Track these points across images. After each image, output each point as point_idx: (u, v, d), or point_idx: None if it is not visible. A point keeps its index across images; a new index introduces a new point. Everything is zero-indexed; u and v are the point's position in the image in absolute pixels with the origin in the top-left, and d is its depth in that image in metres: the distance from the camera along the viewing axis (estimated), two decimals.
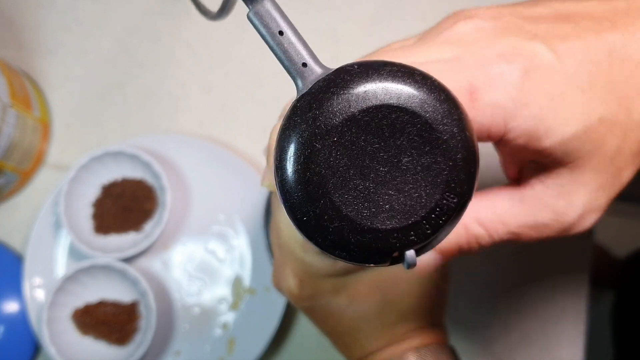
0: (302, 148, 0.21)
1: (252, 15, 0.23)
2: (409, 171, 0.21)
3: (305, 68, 0.23)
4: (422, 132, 0.21)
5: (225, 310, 0.53)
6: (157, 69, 0.57)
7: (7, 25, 0.58)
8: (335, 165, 0.21)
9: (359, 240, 0.21)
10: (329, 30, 0.57)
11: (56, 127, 0.56)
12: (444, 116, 0.21)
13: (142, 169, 0.53)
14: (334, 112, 0.21)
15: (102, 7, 0.58)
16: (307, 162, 0.21)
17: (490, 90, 0.26)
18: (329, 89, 0.22)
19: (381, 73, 0.22)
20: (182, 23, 0.57)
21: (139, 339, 0.50)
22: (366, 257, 0.22)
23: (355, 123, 0.21)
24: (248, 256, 0.53)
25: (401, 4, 0.57)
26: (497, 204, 0.30)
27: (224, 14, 0.26)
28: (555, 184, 0.29)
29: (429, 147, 0.21)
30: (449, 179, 0.21)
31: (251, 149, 0.55)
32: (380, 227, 0.21)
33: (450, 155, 0.21)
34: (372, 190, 0.21)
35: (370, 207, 0.21)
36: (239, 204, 0.54)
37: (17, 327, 0.51)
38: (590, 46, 0.27)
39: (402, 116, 0.21)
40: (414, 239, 0.22)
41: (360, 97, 0.21)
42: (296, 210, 0.22)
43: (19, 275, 0.52)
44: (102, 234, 0.53)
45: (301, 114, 0.22)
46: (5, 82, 0.50)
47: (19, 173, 0.53)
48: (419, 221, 0.21)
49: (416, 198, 0.21)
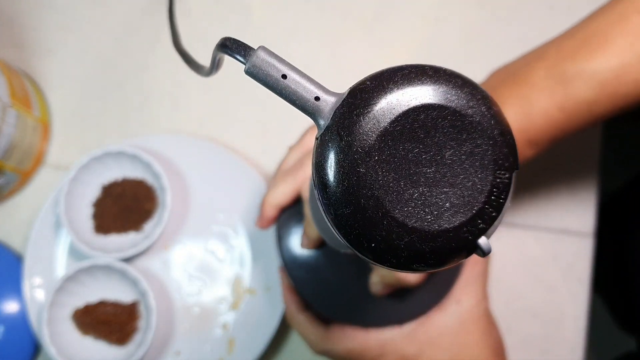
0: (348, 178, 0.21)
1: (251, 69, 0.23)
2: (455, 163, 0.21)
3: (319, 101, 0.22)
4: (454, 122, 0.21)
5: (225, 310, 0.53)
6: (157, 69, 0.57)
7: (7, 26, 0.58)
8: (385, 183, 0.21)
9: (433, 247, 0.21)
10: (329, 30, 0.57)
11: (56, 127, 0.56)
12: (469, 99, 0.21)
13: (143, 169, 0.53)
14: (366, 132, 0.21)
15: (102, 7, 0.58)
16: (358, 189, 0.21)
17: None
18: (352, 112, 0.21)
19: (395, 80, 0.22)
20: (181, 24, 0.57)
21: (139, 338, 0.50)
22: (444, 260, 0.22)
23: (390, 135, 0.21)
24: (248, 256, 0.53)
25: (401, 4, 0.57)
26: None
27: (215, 70, 0.27)
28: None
29: (466, 134, 0.21)
30: (495, 157, 0.21)
31: (251, 149, 0.56)
32: (448, 226, 0.21)
33: (487, 134, 0.21)
34: (427, 194, 0.21)
35: (432, 211, 0.21)
36: (239, 204, 0.54)
37: (17, 327, 0.52)
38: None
39: (431, 113, 0.21)
40: (482, 226, 0.21)
41: (386, 110, 0.21)
42: (362, 239, 0.21)
43: (19, 275, 0.52)
44: (102, 234, 0.53)
45: (334, 146, 0.21)
46: (5, 82, 0.50)
47: (19, 173, 0.53)
48: (482, 207, 0.21)
49: (471, 187, 0.21)
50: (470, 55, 0.56)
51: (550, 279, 0.54)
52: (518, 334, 0.53)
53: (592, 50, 0.38)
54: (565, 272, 0.53)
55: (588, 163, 0.55)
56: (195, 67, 0.33)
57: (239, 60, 0.23)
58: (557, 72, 0.39)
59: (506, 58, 0.56)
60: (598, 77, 0.38)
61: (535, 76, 0.39)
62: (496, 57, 0.56)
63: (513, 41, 0.56)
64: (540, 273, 0.54)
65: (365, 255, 0.22)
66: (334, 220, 0.22)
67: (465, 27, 0.56)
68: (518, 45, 0.56)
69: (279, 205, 0.43)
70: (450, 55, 0.56)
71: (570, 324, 0.53)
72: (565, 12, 0.56)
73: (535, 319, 0.53)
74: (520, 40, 0.56)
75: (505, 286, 0.53)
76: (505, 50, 0.56)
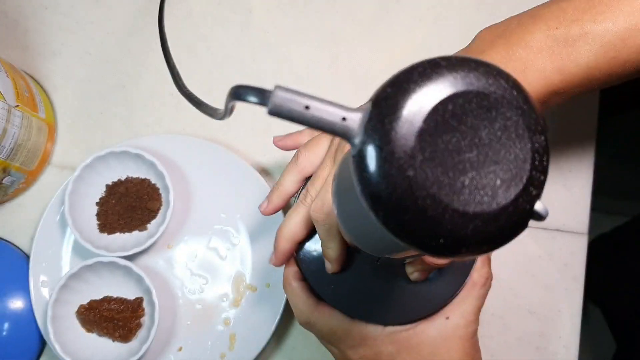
0: (399, 185, 0.21)
1: (274, 110, 0.23)
2: (493, 141, 0.22)
3: (346, 121, 0.22)
4: (480, 103, 0.22)
5: (226, 306, 0.53)
6: (159, 71, 0.57)
7: (12, 28, 0.58)
8: (436, 179, 0.21)
9: (498, 225, 0.21)
10: (328, 31, 0.58)
11: (61, 128, 0.57)
12: (487, 78, 0.22)
13: (146, 168, 0.53)
14: (403, 136, 0.21)
15: (105, 9, 0.58)
16: (412, 193, 0.21)
17: None
18: (383, 122, 0.21)
19: (415, 80, 0.22)
20: (183, 25, 0.58)
21: (142, 335, 0.51)
22: (510, 235, 0.22)
23: (426, 133, 0.21)
24: (249, 254, 0.54)
25: (400, 6, 0.58)
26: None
27: (228, 115, 0.27)
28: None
29: (495, 111, 0.22)
30: (527, 124, 0.22)
31: (252, 149, 0.56)
32: (506, 202, 0.21)
33: (514, 105, 0.22)
34: (477, 177, 0.21)
35: (486, 192, 0.21)
36: (240, 203, 0.54)
37: (24, 324, 0.52)
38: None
39: (457, 101, 0.21)
40: (535, 192, 0.22)
41: (415, 110, 0.21)
42: (430, 240, 0.21)
43: (25, 273, 0.53)
44: (106, 233, 0.53)
45: (376, 158, 0.21)
46: (11, 83, 0.50)
47: (25, 173, 0.54)
48: (530, 174, 0.22)
49: (514, 159, 0.22)
50: None
51: (546, 277, 0.54)
52: (514, 331, 0.54)
53: (600, 12, 0.38)
54: (560, 271, 0.54)
55: (583, 162, 0.55)
56: (206, 111, 0.34)
57: (256, 104, 0.23)
58: (559, 33, 0.38)
59: None
60: (603, 40, 0.38)
61: (531, 38, 0.38)
62: None
63: None
64: (536, 271, 0.54)
65: (435, 253, 0.22)
66: (397, 229, 0.22)
67: (463, 28, 0.57)
68: None
69: (294, 238, 0.42)
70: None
71: (566, 321, 0.54)
72: None
73: (531, 316, 0.54)
74: None
75: (502, 284, 0.54)
76: None
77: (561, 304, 0.54)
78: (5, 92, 0.49)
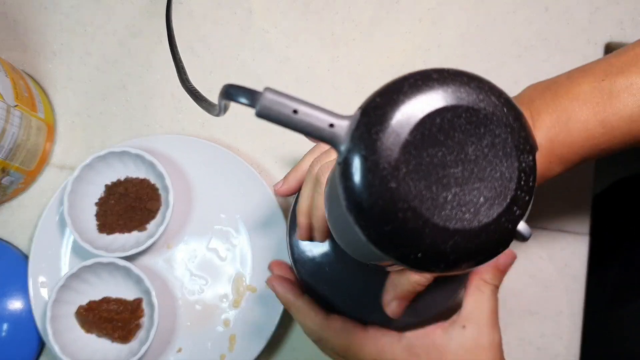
0: (381, 196, 0.21)
1: (261, 112, 0.23)
2: (479, 158, 0.21)
3: (334, 127, 0.22)
4: (469, 118, 0.21)
5: (226, 307, 0.53)
6: (159, 71, 0.57)
7: (11, 28, 0.58)
8: (418, 192, 0.21)
9: (478, 243, 0.21)
10: (328, 32, 0.58)
11: (61, 128, 0.57)
12: (478, 93, 0.22)
13: (146, 169, 0.53)
14: (389, 147, 0.21)
15: (105, 9, 0.58)
16: (394, 204, 0.21)
17: None
18: (370, 131, 0.21)
19: (405, 91, 0.22)
20: (184, 25, 0.58)
21: (142, 336, 0.51)
22: (490, 253, 0.22)
23: (412, 145, 0.21)
24: (249, 255, 0.54)
25: (399, 7, 0.58)
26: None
27: (222, 112, 0.27)
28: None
29: (483, 127, 0.21)
30: (516, 142, 0.22)
31: (252, 149, 0.56)
32: (488, 220, 0.21)
33: (503, 122, 0.21)
34: (460, 194, 0.21)
35: (469, 209, 0.21)
36: (240, 204, 0.54)
37: (23, 325, 0.52)
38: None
39: (446, 115, 0.21)
40: (519, 212, 0.21)
41: (403, 122, 0.21)
42: (409, 252, 0.21)
43: (24, 273, 0.53)
44: (105, 233, 0.53)
45: (360, 168, 0.21)
46: (10, 83, 0.50)
47: (24, 173, 0.54)
48: (515, 194, 0.21)
49: (500, 177, 0.21)
50: (467, 58, 0.57)
51: (547, 277, 0.54)
52: (515, 331, 0.54)
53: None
54: (561, 270, 0.54)
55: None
56: (206, 107, 0.34)
57: (245, 104, 0.23)
58: (604, 85, 0.38)
59: (502, 61, 0.56)
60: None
61: (578, 89, 0.38)
62: (493, 60, 0.57)
63: (509, 44, 0.57)
64: (537, 271, 0.54)
65: (413, 266, 0.22)
66: (377, 240, 0.21)
67: (461, 30, 0.57)
68: (514, 48, 0.57)
69: (304, 179, 0.43)
70: (447, 58, 0.57)
71: (567, 321, 0.54)
72: (560, 14, 0.57)
73: (532, 317, 0.54)
74: (516, 43, 0.57)
75: (503, 284, 0.54)
76: (502, 53, 0.57)
77: (562, 304, 0.54)
78: (4, 92, 0.49)
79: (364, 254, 0.28)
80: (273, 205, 0.53)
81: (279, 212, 0.53)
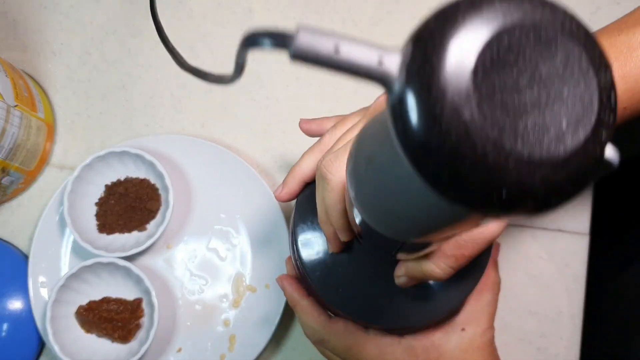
0: (454, 131, 0.18)
1: (296, 54, 0.20)
2: (555, 77, 0.19)
3: (383, 65, 0.19)
4: (538, 37, 0.19)
5: (226, 307, 0.53)
6: (159, 71, 0.57)
7: (11, 28, 0.58)
8: (496, 121, 0.18)
9: (567, 172, 0.19)
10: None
11: (60, 128, 0.57)
12: (542, 8, 0.19)
13: (146, 168, 0.53)
14: (456, 74, 0.18)
15: (105, 9, 0.58)
16: (470, 139, 0.18)
17: None
18: (429, 61, 0.19)
19: (463, 12, 0.19)
20: (184, 25, 0.58)
21: (141, 336, 0.51)
22: (581, 184, 0.19)
23: (481, 70, 0.18)
24: (249, 254, 0.54)
25: (399, 6, 0.58)
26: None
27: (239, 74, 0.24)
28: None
29: (554, 44, 0.19)
30: (590, 57, 0.19)
31: (252, 149, 0.56)
32: (575, 146, 0.19)
33: (575, 36, 0.19)
34: (540, 119, 0.19)
35: (552, 134, 0.19)
36: (240, 204, 0.54)
37: (23, 325, 0.52)
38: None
39: (512, 36, 0.19)
40: (606, 134, 0.19)
41: (468, 45, 0.19)
42: (492, 193, 0.19)
43: (24, 273, 0.53)
44: (105, 233, 0.53)
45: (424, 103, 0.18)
46: (10, 83, 0.50)
47: (24, 173, 0.54)
48: (599, 114, 0.19)
49: (580, 96, 0.19)
50: None
51: (547, 277, 0.54)
52: (515, 331, 0.54)
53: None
54: (561, 270, 0.54)
55: None
56: (215, 79, 0.30)
57: (277, 48, 0.20)
58: (622, 39, 0.37)
59: None
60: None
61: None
62: None
63: None
64: (537, 271, 0.54)
65: (495, 211, 0.19)
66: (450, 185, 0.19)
67: None
68: None
69: (304, 179, 0.41)
70: None
71: (567, 321, 0.54)
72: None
73: (531, 317, 0.54)
74: None
75: (502, 284, 0.54)
76: None
77: (562, 304, 0.54)
78: (4, 92, 0.49)
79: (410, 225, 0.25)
80: (273, 205, 0.53)
81: (279, 212, 0.53)
